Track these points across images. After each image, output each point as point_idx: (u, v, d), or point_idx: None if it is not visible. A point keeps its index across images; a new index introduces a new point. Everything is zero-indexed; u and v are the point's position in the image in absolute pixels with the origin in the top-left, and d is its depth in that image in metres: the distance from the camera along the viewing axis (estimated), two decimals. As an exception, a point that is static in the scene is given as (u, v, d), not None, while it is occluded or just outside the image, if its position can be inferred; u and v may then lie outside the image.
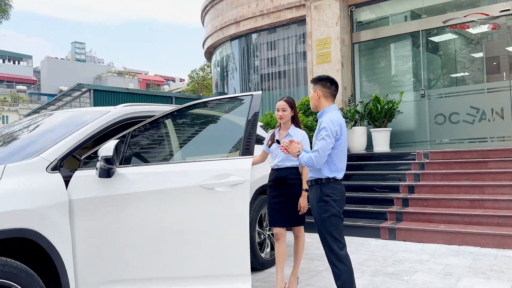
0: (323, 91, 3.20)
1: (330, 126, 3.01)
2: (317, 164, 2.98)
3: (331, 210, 3.04)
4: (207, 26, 12.61)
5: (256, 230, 4.33)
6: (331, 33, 8.99)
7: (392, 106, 8.06)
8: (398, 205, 6.28)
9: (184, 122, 3.27)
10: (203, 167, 2.89)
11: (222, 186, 2.80)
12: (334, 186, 3.09)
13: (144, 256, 2.77)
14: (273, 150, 3.92)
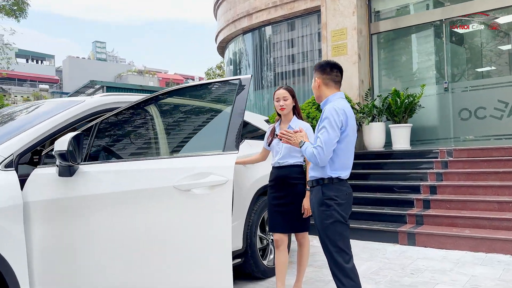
0: (323, 78, 2.79)
1: (333, 116, 2.58)
2: (321, 161, 2.56)
3: (334, 215, 2.61)
4: (220, 19, 12.23)
5: (258, 235, 3.91)
6: (347, 23, 8.48)
7: (413, 101, 7.51)
8: (419, 207, 5.76)
9: (162, 112, 2.85)
10: (177, 165, 2.48)
11: (200, 187, 2.38)
12: (338, 187, 2.67)
13: (106, 270, 2.39)
14: (274, 146, 3.51)
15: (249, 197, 3.81)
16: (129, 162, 2.56)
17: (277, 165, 3.48)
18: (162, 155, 2.75)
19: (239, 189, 3.71)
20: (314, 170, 2.73)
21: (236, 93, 2.60)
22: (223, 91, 2.87)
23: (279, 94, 3.48)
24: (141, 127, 2.80)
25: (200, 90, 2.97)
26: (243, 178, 3.79)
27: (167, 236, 2.40)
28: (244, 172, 3.82)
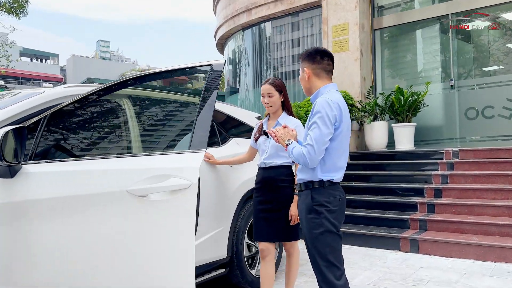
0: (313, 68, 2.45)
1: (325, 110, 2.25)
2: (310, 162, 2.24)
3: (325, 224, 2.28)
4: (219, 15, 11.92)
5: (245, 242, 3.58)
6: (349, 18, 8.13)
7: (417, 99, 7.15)
8: (422, 211, 5.41)
9: (120, 104, 2.52)
10: (133, 165, 2.14)
11: (158, 192, 2.05)
12: (330, 192, 2.34)
13: (49, 284, 2.04)
14: (260, 144, 3.18)
15: (235, 201, 3.49)
16: (80, 161, 2.23)
17: (263, 166, 3.14)
18: (118, 154, 2.41)
19: (224, 191, 3.38)
20: (302, 172, 2.40)
21: (206, 81, 2.26)
22: (195, 79, 2.52)
23: (263, 89, 3.14)
24: (97, 121, 2.47)
25: (170, 77, 2.61)
26: (229, 180, 3.46)
27: (118, 249, 2.06)
28: (230, 173, 3.49)
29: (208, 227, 3.17)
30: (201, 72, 2.35)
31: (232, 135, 3.79)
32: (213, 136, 3.60)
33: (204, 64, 2.34)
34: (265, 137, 3.14)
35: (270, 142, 3.10)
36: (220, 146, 3.59)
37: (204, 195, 3.15)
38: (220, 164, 3.31)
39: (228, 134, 3.75)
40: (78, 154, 2.40)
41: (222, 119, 3.77)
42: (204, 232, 3.10)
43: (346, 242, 5.17)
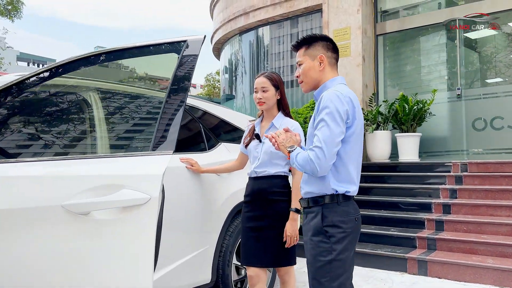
0: (328, 56, 2.02)
1: (335, 104, 1.81)
2: (320, 168, 1.78)
3: (335, 250, 1.83)
4: (215, 19, 11.52)
5: (232, 263, 3.10)
6: (351, 22, 7.74)
7: (423, 107, 6.73)
8: (430, 228, 4.94)
9: (67, 94, 2.02)
10: (72, 171, 1.65)
11: (104, 209, 1.57)
12: (344, 209, 1.88)
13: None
14: (251, 150, 2.70)
15: (222, 216, 3.01)
16: (8, 164, 1.69)
17: (254, 175, 2.66)
18: (57, 155, 1.89)
19: (209, 205, 2.91)
20: (310, 183, 1.94)
21: (178, 63, 1.79)
22: (167, 60, 2.01)
23: (257, 83, 2.69)
24: (39, 114, 1.97)
25: (134, 57, 2.06)
26: (216, 191, 3.00)
27: (53, 280, 1.57)
28: (217, 183, 3.02)
29: (189, 247, 2.69)
30: (174, 51, 1.88)
31: (221, 139, 3.33)
32: (199, 140, 3.14)
33: (176, 41, 1.86)
34: (257, 142, 2.68)
35: (262, 148, 2.63)
36: (206, 151, 3.13)
37: (185, 208, 2.68)
38: (205, 172, 2.84)
39: (217, 139, 3.29)
40: (12, 154, 1.89)
41: (210, 121, 3.32)
42: (183, 253, 2.63)
43: (347, 261, 4.69)
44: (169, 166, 2.58)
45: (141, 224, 1.57)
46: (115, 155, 1.74)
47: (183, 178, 2.71)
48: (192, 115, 3.12)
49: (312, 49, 2.02)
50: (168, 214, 2.52)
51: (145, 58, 1.99)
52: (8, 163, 1.72)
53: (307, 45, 2.04)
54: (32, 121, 1.93)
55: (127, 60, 2.12)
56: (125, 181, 1.61)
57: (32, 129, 1.93)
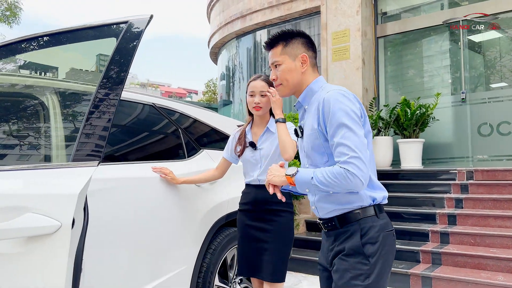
0: (310, 56, 1.74)
1: (348, 105, 1.56)
2: (364, 181, 1.50)
3: (375, 272, 1.55)
4: (212, 23, 11.28)
5: (214, 285, 2.78)
6: (350, 24, 7.46)
7: (426, 112, 6.41)
8: (435, 241, 4.61)
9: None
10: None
11: (4, 239, 1.23)
12: (385, 222, 1.63)
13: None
14: (248, 158, 2.49)
15: (202, 232, 2.69)
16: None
17: (256, 183, 2.47)
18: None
19: (187, 220, 2.60)
20: (335, 199, 1.64)
21: (113, 50, 1.48)
22: (105, 46, 1.69)
23: (255, 86, 2.47)
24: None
25: (63, 41, 1.76)
26: (195, 203, 2.68)
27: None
28: (197, 194, 2.71)
29: (161, 269, 2.37)
30: (113, 35, 1.57)
31: (204, 146, 3.02)
32: (177, 147, 2.83)
33: (116, 22, 1.55)
34: (251, 149, 2.47)
35: (260, 154, 2.47)
36: (185, 159, 2.82)
37: (153, 226, 2.36)
38: (182, 183, 2.54)
39: (199, 145, 2.97)
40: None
41: (191, 126, 3.01)
42: (153, 277, 2.31)
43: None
44: (134, 176, 2.31)
45: (49, 260, 1.24)
46: (24, 167, 1.40)
47: (153, 191, 2.40)
48: (169, 119, 2.82)
49: (291, 47, 1.73)
50: (131, 232, 2.21)
51: (80, 45, 1.69)
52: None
53: (284, 41, 1.74)
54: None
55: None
56: (31, 202, 1.27)
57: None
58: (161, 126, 2.82)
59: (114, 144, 2.47)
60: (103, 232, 2.00)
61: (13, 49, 1.62)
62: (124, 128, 2.60)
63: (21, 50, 1.69)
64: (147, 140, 2.79)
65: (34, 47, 1.69)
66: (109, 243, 2.06)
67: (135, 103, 2.67)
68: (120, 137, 2.55)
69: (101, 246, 2.01)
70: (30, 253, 1.24)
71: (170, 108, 2.86)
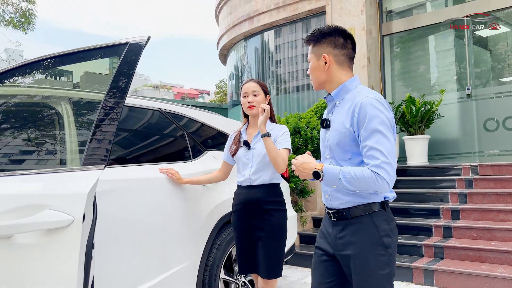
0: (335, 54, 1.83)
1: (384, 112, 1.69)
2: (391, 185, 1.65)
3: (391, 262, 1.73)
4: (221, 25, 11.47)
5: (220, 277, 2.96)
6: (355, 23, 7.57)
7: (431, 108, 6.50)
8: (438, 235, 4.72)
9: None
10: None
11: (27, 232, 1.45)
12: (391, 216, 1.81)
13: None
14: (241, 157, 2.63)
15: (207, 228, 2.87)
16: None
17: (247, 184, 2.59)
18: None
19: (192, 216, 2.78)
20: (346, 191, 1.78)
21: (117, 69, 1.68)
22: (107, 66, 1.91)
23: (247, 88, 2.65)
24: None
25: (70, 63, 1.99)
26: (200, 201, 2.86)
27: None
28: (202, 192, 2.89)
29: (168, 263, 2.56)
30: (116, 54, 1.76)
31: (208, 147, 3.21)
32: (183, 149, 3.02)
33: (118, 43, 1.74)
34: (245, 149, 2.61)
35: (253, 153, 2.58)
36: (191, 160, 3.00)
37: (161, 222, 2.55)
38: (187, 183, 2.72)
39: (204, 147, 3.16)
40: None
41: (196, 128, 3.19)
42: (161, 270, 2.50)
43: (350, 271, 4.50)
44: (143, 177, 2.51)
45: (64, 248, 1.45)
46: (39, 171, 1.62)
47: (160, 190, 2.59)
48: (175, 123, 3.00)
49: (318, 47, 1.86)
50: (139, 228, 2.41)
51: (87, 64, 1.89)
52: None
53: (314, 41, 1.87)
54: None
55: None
56: (48, 200, 1.49)
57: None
58: (168, 129, 3.00)
59: (125, 148, 2.68)
60: (115, 228, 2.22)
61: (35, 67, 1.81)
62: (134, 132, 2.81)
63: (42, 67, 1.88)
64: (155, 143, 2.98)
65: (51, 65, 1.89)
66: (121, 238, 2.28)
67: (143, 109, 2.87)
68: (130, 141, 2.76)
69: (114, 240, 2.23)
70: (50, 243, 1.46)
71: (176, 113, 3.05)
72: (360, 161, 1.74)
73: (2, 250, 1.45)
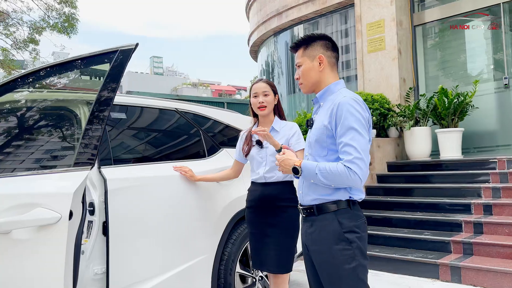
0: (328, 56, 1.96)
1: (360, 111, 1.80)
2: (363, 180, 1.75)
3: (357, 256, 1.78)
4: (251, 21, 11.52)
5: (236, 272, 3.02)
6: (384, 14, 7.41)
7: (464, 100, 6.26)
8: (468, 231, 4.57)
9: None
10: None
11: (23, 228, 1.56)
12: (357, 213, 1.85)
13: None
14: (254, 156, 2.69)
15: (222, 223, 2.94)
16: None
17: (262, 181, 2.65)
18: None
19: (206, 212, 2.86)
20: (318, 189, 1.85)
21: (106, 75, 1.76)
22: (99, 73, 2.00)
23: (257, 88, 2.69)
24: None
25: (65, 72, 2.08)
26: (215, 198, 2.94)
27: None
28: (216, 189, 2.97)
29: (183, 257, 2.65)
30: (107, 61, 1.85)
31: (224, 145, 3.27)
32: (198, 147, 3.10)
33: (108, 51, 1.83)
34: (258, 148, 2.66)
35: (267, 152, 2.63)
36: (206, 158, 3.08)
37: (176, 217, 2.65)
38: (199, 180, 2.80)
39: (219, 145, 3.23)
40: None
41: (211, 126, 3.27)
42: (176, 263, 2.60)
43: (374, 267, 4.46)
44: (159, 175, 2.61)
45: (54, 243, 1.57)
46: (37, 172, 1.75)
47: (176, 187, 2.69)
48: (191, 121, 3.09)
49: (311, 49, 1.96)
50: (155, 223, 2.51)
51: (80, 71, 1.99)
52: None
53: (305, 45, 1.98)
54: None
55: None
56: (39, 199, 1.62)
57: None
58: (184, 128, 3.09)
59: (144, 147, 2.83)
60: (134, 222, 2.38)
61: (45, 74, 1.95)
62: (151, 132, 2.94)
63: (49, 74, 2.01)
64: (171, 142, 3.08)
65: (57, 71, 2.01)
66: (139, 232, 2.42)
67: (160, 109, 2.98)
68: (148, 140, 2.90)
69: (133, 235, 2.38)
70: (41, 238, 1.59)
71: (191, 111, 3.13)
72: (336, 157, 1.82)
73: (2, 244, 1.59)
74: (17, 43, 20.99)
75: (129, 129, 2.77)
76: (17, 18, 21.25)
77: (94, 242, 2.25)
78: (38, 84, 1.98)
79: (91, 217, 2.27)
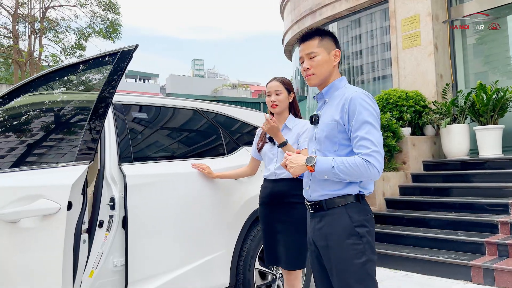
0: (339, 51, 1.97)
1: (373, 106, 1.82)
2: (380, 172, 1.74)
3: (368, 250, 1.79)
4: (286, 20, 11.52)
5: (255, 268, 3.06)
6: (419, 9, 7.20)
7: (504, 96, 5.97)
8: (504, 233, 4.36)
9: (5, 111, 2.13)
10: (4, 183, 1.78)
11: (29, 217, 1.66)
12: (366, 208, 1.86)
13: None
14: (266, 152, 2.72)
15: (240, 219, 2.99)
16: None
17: (273, 177, 2.66)
18: None
19: (224, 208, 2.92)
20: (327, 184, 1.85)
21: (107, 75, 1.84)
22: (102, 73, 2.07)
23: (270, 87, 2.72)
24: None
25: (73, 74, 2.18)
26: (233, 195, 2.99)
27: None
28: (234, 186, 3.02)
29: (201, 252, 2.73)
30: (110, 62, 1.92)
31: (244, 143, 3.32)
32: (218, 145, 3.17)
33: (111, 52, 1.91)
34: (271, 144, 2.69)
35: (279, 149, 2.64)
36: (225, 156, 3.14)
37: (194, 213, 2.73)
38: (216, 177, 2.86)
39: (238, 142, 3.28)
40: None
41: (230, 125, 3.32)
42: (194, 258, 2.68)
43: (404, 268, 4.36)
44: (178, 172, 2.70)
45: (54, 231, 1.68)
46: (39, 167, 1.90)
47: (196, 183, 2.78)
48: (211, 120, 3.16)
49: (326, 42, 1.93)
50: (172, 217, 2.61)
51: (86, 72, 2.10)
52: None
53: (320, 36, 1.93)
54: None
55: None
56: (42, 191, 1.75)
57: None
58: (204, 127, 3.17)
59: (167, 145, 2.94)
60: (152, 217, 2.49)
61: (54, 76, 2.09)
62: (173, 131, 3.05)
63: (60, 75, 2.14)
64: (192, 140, 3.17)
65: (66, 73, 2.14)
66: (157, 226, 2.54)
67: (181, 108, 3.07)
68: (171, 138, 3.01)
69: (151, 229, 2.49)
70: (44, 226, 1.73)
71: (211, 111, 3.21)
72: (346, 152, 1.81)
73: (11, 232, 1.73)
74: (65, 49, 22.13)
75: (149, 128, 2.87)
76: (65, 26, 22.35)
77: (114, 236, 2.36)
78: (46, 86, 2.11)
79: (111, 211, 2.38)
